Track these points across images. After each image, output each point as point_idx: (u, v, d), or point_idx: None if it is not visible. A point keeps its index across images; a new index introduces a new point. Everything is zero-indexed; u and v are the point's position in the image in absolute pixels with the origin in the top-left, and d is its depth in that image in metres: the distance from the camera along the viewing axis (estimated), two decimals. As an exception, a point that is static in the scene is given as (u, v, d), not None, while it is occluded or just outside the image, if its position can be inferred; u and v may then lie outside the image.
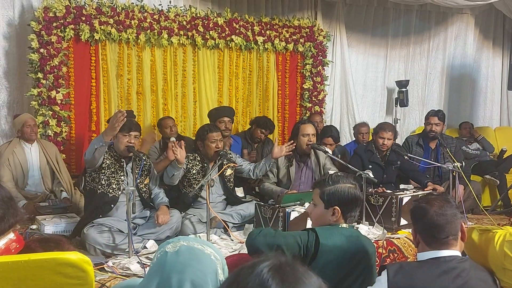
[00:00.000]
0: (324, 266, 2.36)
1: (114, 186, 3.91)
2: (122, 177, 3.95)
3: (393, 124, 7.39)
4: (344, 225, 2.49)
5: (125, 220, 3.65)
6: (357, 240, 2.47)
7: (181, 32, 5.82)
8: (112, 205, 3.89)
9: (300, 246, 2.39)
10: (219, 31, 6.03)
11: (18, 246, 1.81)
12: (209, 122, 5.35)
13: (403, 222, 4.24)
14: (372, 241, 2.60)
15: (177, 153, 3.99)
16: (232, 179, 4.49)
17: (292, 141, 4.55)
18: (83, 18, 5.29)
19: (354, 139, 6.70)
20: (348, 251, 2.41)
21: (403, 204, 4.22)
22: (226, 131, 5.33)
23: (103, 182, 3.89)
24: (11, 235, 1.83)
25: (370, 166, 4.56)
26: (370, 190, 4.36)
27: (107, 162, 3.89)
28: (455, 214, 2.09)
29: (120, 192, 3.92)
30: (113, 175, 3.91)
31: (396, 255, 3.85)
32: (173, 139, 5.19)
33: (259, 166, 4.48)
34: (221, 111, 5.54)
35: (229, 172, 4.42)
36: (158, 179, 4.26)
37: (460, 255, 2.08)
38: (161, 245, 1.61)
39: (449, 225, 2.05)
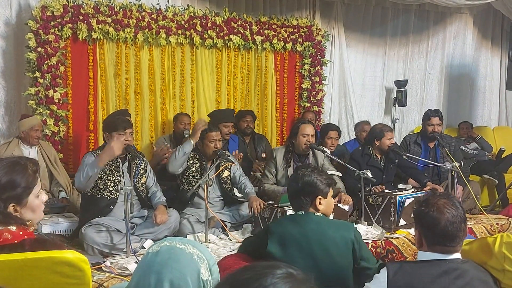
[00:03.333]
0: (281, 250, 2.58)
1: (111, 189, 3.90)
2: (119, 178, 3.94)
3: (392, 123, 7.42)
4: (300, 212, 2.70)
5: (123, 219, 3.63)
6: (300, 225, 2.61)
7: (179, 32, 5.80)
8: (111, 207, 3.89)
9: (260, 238, 2.72)
10: (217, 30, 6.02)
11: (10, 238, 1.80)
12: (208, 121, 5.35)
13: (402, 222, 4.23)
14: (354, 230, 2.63)
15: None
16: (229, 181, 4.48)
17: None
18: (81, 17, 5.27)
19: (354, 137, 6.69)
20: (300, 235, 2.58)
21: (405, 206, 4.20)
22: (228, 135, 5.33)
23: (100, 187, 3.88)
24: (12, 228, 1.82)
25: (369, 170, 4.53)
26: (368, 189, 4.34)
27: None
28: (464, 220, 2.05)
29: (118, 194, 3.91)
30: (109, 177, 3.90)
31: (394, 255, 3.85)
32: (187, 133, 5.23)
33: (243, 189, 4.44)
34: (227, 116, 5.47)
35: (226, 173, 4.42)
36: (154, 177, 4.25)
37: (461, 257, 2.06)
38: (149, 247, 1.62)
39: (460, 232, 2.02)
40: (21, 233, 1.82)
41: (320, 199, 2.68)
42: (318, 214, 2.68)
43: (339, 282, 2.52)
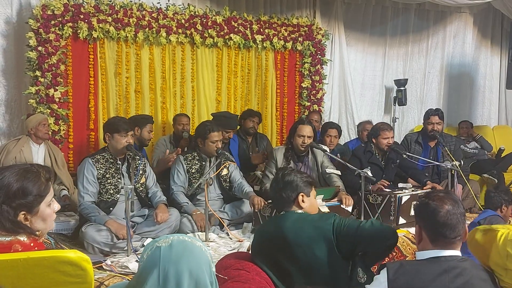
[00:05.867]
0: (257, 246, 2.70)
1: (111, 191, 3.92)
2: (119, 180, 3.95)
3: (392, 123, 7.43)
4: (282, 212, 2.73)
5: (124, 218, 3.64)
6: (278, 224, 2.66)
7: (180, 31, 5.80)
8: (111, 209, 3.90)
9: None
10: (217, 29, 6.02)
11: (21, 249, 1.80)
12: (208, 119, 5.35)
13: (401, 221, 4.24)
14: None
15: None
16: (228, 179, 4.49)
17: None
18: (82, 16, 5.27)
19: (356, 137, 6.71)
20: (268, 234, 2.67)
21: (402, 203, 4.21)
22: (227, 139, 5.33)
23: (101, 191, 3.90)
24: (23, 238, 1.82)
25: (369, 167, 4.54)
26: (371, 187, 4.35)
27: (101, 171, 3.89)
28: (463, 214, 2.09)
29: (118, 196, 3.93)
30: (108, 181, 3.91)
31: (394, 253, 3.85)
32: (186, 134, 5.27)
33: (241, 190, 4.42)
34: (231, 123, 5.38)
35: (225, 172, 4.43)
36: (154, 177, 4.26)
37: (461, 254, 2.07)
38: (149, 243, 1.62)
39: (460, 225, 2.05)
40: (32, 244, 1.81)
41: (302, 196, 2.69)
42: (298, 211, 2.68)
43: (324, 276, 2.51)
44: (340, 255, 2.52)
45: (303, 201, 2.69)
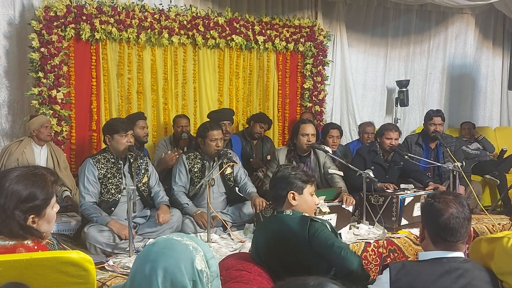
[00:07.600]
0: (254, 249, 2.73)
1: (113, 191, 3.91)
2: (120, 180, 3.95)
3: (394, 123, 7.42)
4: (275, 212, 2.74)
5: (126, 219, 3.65)
6: (267, 226, 2.71)
7: (182, 32, 5.82)
8: (113, 209, 3.90)
9: None
10: (219, 30, 6.04)
11: (24, 252, 1.81)
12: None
13: (403, 222, 4.24)
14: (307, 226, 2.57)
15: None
16: (232, 178, 4.49)
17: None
18: (84, 18, 5.29)
19: (357, 138, 6.70)
20: (266, 236, 2.68)
21: (405, 205, 4.21)
22: (226, 134, 5.33)
23: (102, 191, 3.90)
24: (28, 242, 1.84)
25: (373, 167, 4.54)
26: (378, 184, 4.35)
27: (102, 171, 3.88)
28: (468, 218, 2.08)
29: (119, 196, 3.93)
30: (110, 180, 3.90)
31: (396, 254, 3.86)
32: (185, 135, 5.31)
33: (244, 190, 4.42)
34: (221, 115, 5.49)
35: (229, 170, 4.42)
36: (157, 176, 4.26)
37: (463, 256, 2.08)
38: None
39: (462, 229, 2.05)
40: (35, 247, 1.83)
41: (293, 194, 2.66)
42: (287, 212, 2.66)
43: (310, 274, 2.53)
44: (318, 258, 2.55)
45: (293, 199, 2.66)
